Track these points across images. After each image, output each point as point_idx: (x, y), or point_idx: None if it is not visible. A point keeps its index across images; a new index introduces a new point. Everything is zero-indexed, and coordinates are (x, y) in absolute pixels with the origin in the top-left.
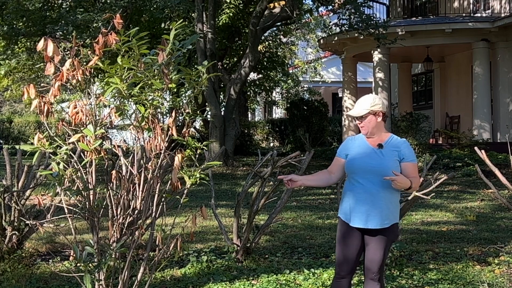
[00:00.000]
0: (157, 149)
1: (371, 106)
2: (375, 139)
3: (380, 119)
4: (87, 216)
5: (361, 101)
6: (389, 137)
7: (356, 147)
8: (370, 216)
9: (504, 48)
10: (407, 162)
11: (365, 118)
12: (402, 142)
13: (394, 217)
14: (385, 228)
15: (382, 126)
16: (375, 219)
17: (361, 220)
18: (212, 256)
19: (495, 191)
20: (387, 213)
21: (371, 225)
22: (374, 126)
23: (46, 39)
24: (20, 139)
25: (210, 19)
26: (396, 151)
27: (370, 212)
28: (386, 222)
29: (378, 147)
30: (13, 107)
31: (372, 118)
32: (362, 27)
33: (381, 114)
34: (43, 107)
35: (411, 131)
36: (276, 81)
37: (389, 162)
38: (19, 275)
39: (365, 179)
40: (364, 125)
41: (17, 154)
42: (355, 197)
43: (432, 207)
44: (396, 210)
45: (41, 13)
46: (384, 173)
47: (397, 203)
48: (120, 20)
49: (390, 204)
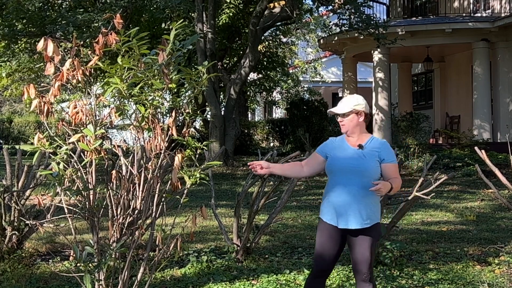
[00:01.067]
0: (157, 149)
1: (355, 105)
2: (355, 139)
3: (362, 119)
4: (87, 216)
5: (346, 99)
6: (370, 138)
7: (337, 148)
8: (351, 216)
9: (504, 48)
10: (387, 163)
11: (347, 116)
12: (383, 143)
13: (375, 216)
14: (366, 227)
15: (363, 127)
16: (356, 219)
17: (341, 221)
18: (212, 256)
19: (495, 191)
20: (368, 213)
21: (352, 225)
22: (355, 125)
23: (46, 39)
24: (20, 139)
25: (210, 19)
26: (377, 152)
27: (351, 212)
28: (367, 222)
29: (359, 148)
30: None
31: (354, 117)
32: (362, 27)
33: (363, 115)
34: (43, 107)
35: (411, 131)
36: (276, 81)
37: (369, 162)
38: (19, 275)
39: (345, 179)
40: (345, 123)
41: (17, 154)
42: (336, 197)
43: (432, 207)
44: (377, 209)
45: (41, 13)
46: (364, 173)
47: (377, 203)
48: (120, 20)
49: (371, 204)
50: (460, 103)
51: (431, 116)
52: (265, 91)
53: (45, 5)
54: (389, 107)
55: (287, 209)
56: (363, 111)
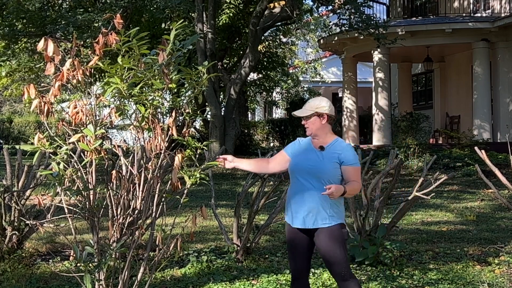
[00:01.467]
0: (157, 149)
1: (316, 107)
2: (319, 141)
3: (324, 121)
4: (87, 216)
5: (309, 102)
6: (334, 140)
7: (300, 148)
8: (309, 217)
9: (504, 48)
10: (346, 166)
11: (310, 118)
12: (345, 146)
13: (337, 217)
14: (327, 228)
15: (328, 128)
16: (314, 219)
17: (299, 220)
18: (212, 256)
19: (495, 191)
20: (327, 213)
21: (309, 225)
22: (318, 127)
23: (46, 39)
24: (20, 139)
25: (210, 19)
26: (337, 154)
27: (309, 213)
28: (326, 222)
29: (320, 149)
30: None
31: (316, 119)
32: (362, 27)
33: (325, 117)
34: (43, 107)
35: (411, 131)
36: (276, 81)
37: (327, 164)
38: (19, 275)
39: (304, 180)
40: (308, 126)
41: (17, 154)
42: (296, 197)
43: (432, 207)
44: (339, 210)
45: (41, 13)
46: (321, 175)
47: (339, 204)
48: (120, 20)
49: (332, 205)
50: (460, 103)
51: (431, 116)
52: (265, 91)
53: (45, 5)
54: (389, 107)
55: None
56: (326, 114)
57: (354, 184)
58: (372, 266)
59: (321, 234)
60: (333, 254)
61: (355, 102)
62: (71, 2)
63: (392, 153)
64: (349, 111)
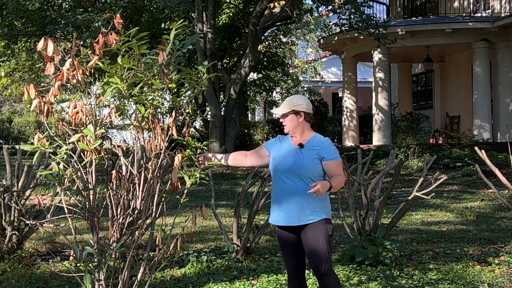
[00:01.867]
0: (157, 149)
1: (294, 105)
2: (298, 138)
3: (301, 119)
4: (87, 216)
5: (286, 100)
6: (312, 137)
7: (280, 146)
8: (293, 214)
9: (504, 48)
10: (327, 160)
11: (287, 116)
12: (324, 141)
13: (321, 212)
14: (311, 223)
15: (305, 126)
16: (297, 216)
17: (284, 219)
18: (212, 256)
19: (495, 191)
20: (310, 209)
21: (294, 222)
22: (296, 125)
23: (46, 39)
24: (20, 139)
25: (210, 19)
26: (316, 150)
27: (292, 210)
28: (309, 218)
29: (299, 147)
30: (13, 107)
31: (293, 117)
32: (362, 27)
33: (303, 115)
34: (43, 107)
35: (411, 131)
36: (276, 81)
37: (307, 161)
38: (19, 275)
39: (286, 178)
40: (286, 124)
41: (17, 154)
42: (278, 195)
43: (432, 207)
44: (323, 205)
45: (41, 13)
46: (301, 172)
47: (324, 199)
48: (120, 20)
49: (315, 201)
50: (460, 103)
51: (431, 116)
52: (265, 91)
53: (45, 5)
54: (389, 107)
55: None
56: (303, 111)
57: (338, 178)
58: (372, 266)
59: (306, 229)
60: (316, 248)
61: (355, 102)
62: (71, 2)
63: (392, 153)
64: (349, 111)
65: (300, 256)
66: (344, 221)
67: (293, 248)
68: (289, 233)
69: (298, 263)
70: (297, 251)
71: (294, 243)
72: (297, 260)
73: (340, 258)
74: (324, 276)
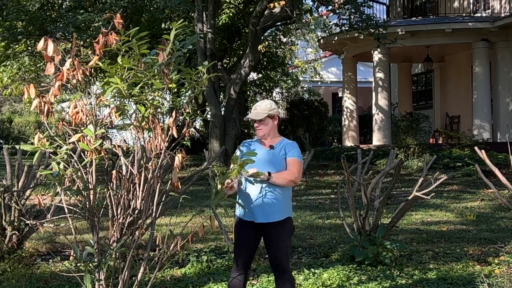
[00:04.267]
0: (157, 149)
1: (269, 110)
2: (268, 141)
3: (276, 122)
4: (87, 216)
5: (260, 105)
6: (281, 140)
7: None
8: (260, 211)
9: (504, 48)
10: (288, 157)
11: (264, 121)
12: (291, 143)
13: (286, 211)
14: (277, 222)
15: (276, 129)
16: (265, 214)
17: (251, 215)
18: (212, 256)
19: (495, 191)
20: (277, 207)
21: (260, 219)
22: (270, 129)
23: (46, 39)
24: (20, 139)
25: (210, 19)
26: (284, 151)
27: (260, 207)
28: (277, 216)
29: (270, 148)
30: (13, 107)
31: (269, 121)
32: (362, 27)
33: (277, 118)
34: (43, 107)
35: (411, 131)
36: (276, 81)
37: (276, 161)
38: (19, 275)
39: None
40: (262, 128)
41: (17, 154)
42: (247, 193)
43: (432, 207)
44: (287, 204)
45: (41, 13)
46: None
47: (288, 198)
48: (120, 20)
49: (281, 200)
50: (460, 103)
51: (431, 116)
52: (265, 91)
53: (45, 5)
54: (389, 107)
55: None
56: (277, 115)
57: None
58: (372, 266)
59: (271, 226)
60: (279, 246)
61: (355, 102)
62: (71, 2)
63: (392, 153)
64: (349, 111)
65: (254, 253)
66: (344, 221)
67: (250, 244)
68: (252, 228)
69: (250, 259)
70: (253, 247)
71: (252, 239)
72: (250, 256)
73: (340, 258)
74: (285, 274)
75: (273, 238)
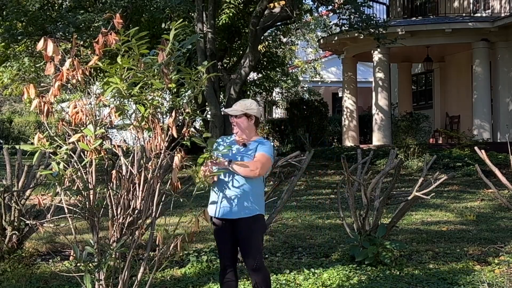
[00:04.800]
0: (157, 149)
1: (246, 108)
2: (243, 138)
3: (252, 122)
4: (87, 216)
5: (240, 102)
6: (257, 139)
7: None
8: (231, 207)
9: (504, 48)
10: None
11: (239, 117)
12: (265, 141)
13: (256, 207)
14: (248, 218)
15: (253, 129)
16: (236, 209)
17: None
18: (212, 256)
19: (495, 191)
20: (248, 204)
21: (231, 215)
22: (246, 127)
23: (46, 39)
24: (20, 139)
25: (210, 19)
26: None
27: (231, 203)
28: (245, 212)
29: (243, 146)
30: (13, 107)
31: (244, 119)
32: (362, 27)
33: (253, 118)
34: (43, 107)
35: (411, 131)
36: (276, 81)
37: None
38: (19, 275)
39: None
40: (237, 124)
41: (17, 154)
42: (218, 190)
43: (432, 207)
44: (258, 201)
45: (41, 13)
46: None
47: (260, 195)
48: (120, 20)
49: (251, 196)
50: (460, 103)
51: (431, 116)
52: (265, 91)
53: (45, 5)
54: (389, 107)
55: (287, 209)
56: (254, 115)
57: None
58: (372, 266)
59: (242, 223)
60: (250, 243)
61: (355, 102)
62: (71, 2)
63: (392, 153)
64: (349, 111)
65: (234, 247)
66: (344, 221)
67: (228, 240)
68: (227, 225)
69: (234, 255)
70: (232, 243)
71: (229, 235)
72: (233, 252)
73: (340, 258)
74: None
75: (243, 236)
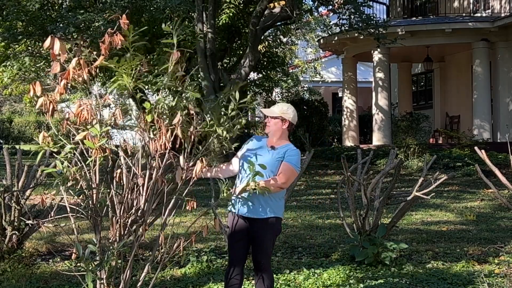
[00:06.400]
0: (162, 149)
1: (283, 112)
2: (274, 141)
3: (285, 126)
4: (90, 215)
5: (278, 105)
6: (286, 144)
7: (254, 145)
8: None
9: (504, 48)
10: (284, 161)
11: (274, 119)
12: (294, 149)
13: (276, 211)
14: (265, 219)
15: (285, 134)
16: (255, 209)
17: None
18: (212, 256)
19: (495, 191)
20: (268, 206)
21: (251, 214)
22: (278, 129)
23: (52, 38)
24: (20, 139)
25: (210, 19)
26: (284, 154)
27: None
28: (264, 213)
29: (271, 148)
30: (13, 106)
31: (278, 122)
32: (362, 27)
33: (287, 123)
34: (49, 106)
35: (411, 131)
36: (276, 81)
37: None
38: (19, 275)
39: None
40: (270, 125)
41: (17, 154)
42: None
43: (432, 207)
44: (278, 205)
45: (41, 13)
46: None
47: (280, 199)
48: (126, 21)
49: (273, 198)
50: (460, 103)
51: (431, 116)
52: (265, 91)
53: (45, 5)
54: (389, 107)
55: (287, 209)
56: (289, 120)
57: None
58: (372, 266)
59: (259, 223)
60: (264, 243)
61: (355, 102)
62: (71, 2)
63: (392, 153)
64: (349, 111)
65: (248, 247)
66: (344, 221)
67: (243, 239)
68: (244, 223)
69: (244, 253)
70: (246, 242)
71: (245, 234)
72: (244, 250)
73: (340, 258)
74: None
75: (257, 236)
